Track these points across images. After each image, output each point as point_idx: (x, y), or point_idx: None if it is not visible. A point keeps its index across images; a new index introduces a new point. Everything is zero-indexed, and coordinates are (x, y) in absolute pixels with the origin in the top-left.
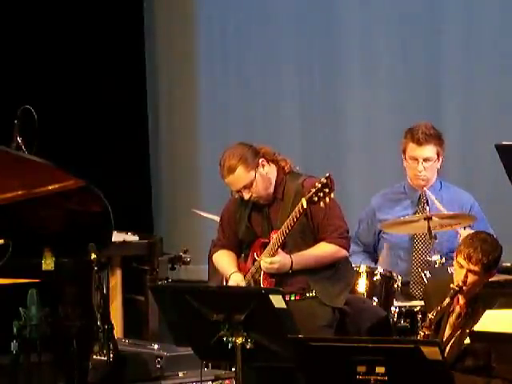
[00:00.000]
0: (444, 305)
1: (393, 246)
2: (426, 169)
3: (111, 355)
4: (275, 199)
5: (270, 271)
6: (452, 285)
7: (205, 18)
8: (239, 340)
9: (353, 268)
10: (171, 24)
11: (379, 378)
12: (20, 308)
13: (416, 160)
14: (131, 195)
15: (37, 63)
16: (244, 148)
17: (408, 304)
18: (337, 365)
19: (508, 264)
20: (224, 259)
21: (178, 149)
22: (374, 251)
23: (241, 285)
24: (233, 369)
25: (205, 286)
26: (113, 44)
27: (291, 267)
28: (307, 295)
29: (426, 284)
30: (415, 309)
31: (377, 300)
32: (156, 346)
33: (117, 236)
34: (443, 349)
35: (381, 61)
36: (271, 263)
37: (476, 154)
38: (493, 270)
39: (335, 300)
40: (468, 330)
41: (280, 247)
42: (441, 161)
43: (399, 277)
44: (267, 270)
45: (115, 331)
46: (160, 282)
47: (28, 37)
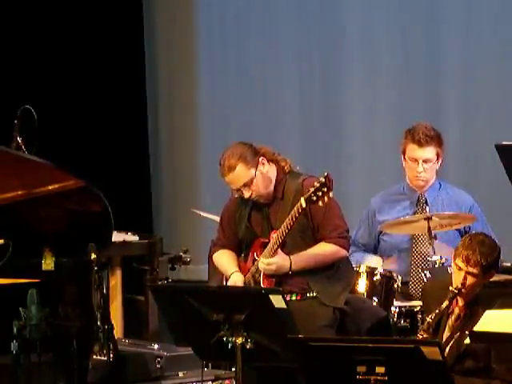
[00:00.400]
0: (443, 307)
1: (392, 247)
2: (426, 170)
3: (111, 355)
4: (275, 199)
5: (268, 272)
6: (451, 287)
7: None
8: (239, 340)
9: (353, 268)
10: (171, 23)
11: (379, 378)
12: (20, 308)
13: (416, 161)
14: (131, 195)
15: (37, 63)
16: (244, 147)
17: (408, 304)
18: (337, 365)
19: (508, 264)
20: (224, 259)
21: (178, 148)
22: (375, 251)
23: (238, 282)
24: (233, 369)
25: (205, 286)
26: (112, 42)
27: (290, 268)
28: (308, 295)
29: (425, 284)
30: (415, 309)
31: (377, 300)
32: (156, 346)
33: (117, 236)
34: (443, 349)
35: (381, 61)
36: (268, 264)
37: (476, 154)
38: (492, 272)
39: (335, 300)
40: (467, 331)
41: (279, 247)
42: (440, 162)
43: (399, 277)
44: (265, 271)
45: (115, 331)
46: (160, 282)
47: (28, 37)
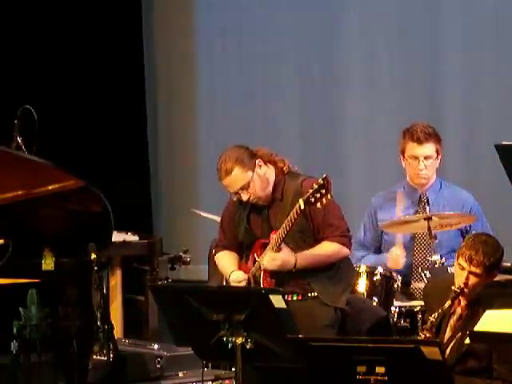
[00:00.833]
0: (445, 307)
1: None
2: (427, 167)
3: (111, 355)
4: (274, 200)
5: (273, 267)
6: (453, 287)
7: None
8: (239, 340)
9: (353, 268)
10: (170, 24)
11: (379, 378)
12: (20, 308)
13: (416, 159)
14: (131, 195)
15: (37, 63)
16: (240, 150)
17: (408, 304)
18: (337, 365)
19: (508, 264)
20: (225, 260)
21: (178, 148)
22: (379, 251)
23: (240, 280)
24: (233, 369)
25: (205, 286)
26: (111, 42)
27: (295, 265)
28: (309, 295)
29: (426, 284)
30: (415, 309)
31: (377, 300)
32: (156, 346)
33: (117, 236)
34: (443, 350)
35: (381, 61)
36: (273, 259)
37: (476, 155)
38: (494, 272)
39: (337, 300)
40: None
41: (282, 243)
42: (440, 159)
43: (399, 277)
44: (270, 267)
45: (115, 331)
46: (160, 282)
47: (28, 37)
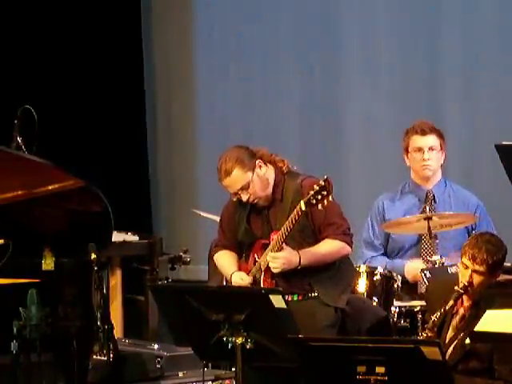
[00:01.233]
0: (448, 307)
1: (401, 246)
2: (432, 158)
3: (111, 355)
4: (274, 200)
5: (277, 267)
6: (456, 287)
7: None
8: (239, 340)
9: (354, 268)
10: (169, 25)
11: (379, 378)
12: (20, 308)
13: (421, 150)
14: (131, 195)
15: (37, 64)
16: (240, 150)
17: (408, 304)
18: (337, 365)
19: (508, 264)
20: (225, 260)
21: (178, 148)
22: (385, 251)
23: (245, 280)
24: (233, 369)
25: (205, 286)
26: (110, 42)
27: (299, 263)
28: (309, 295)
29: (428, 284)
30: (415, 309)
31: (377, 300)
32: (156, 346)
33: (117, 236)
34: (445, 350)
35: (381, 62)
36: (275, 258)
37: (476, 155)
38: (498, 271)
39: (337, 300)
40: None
41: (281, 247)
42: (444, 156)
43: (399, 277)
44: (274, 266)
45: (115, 331)
46: (160, 282)
47: (28, 37)
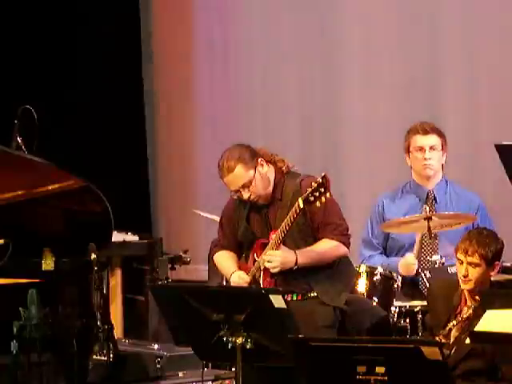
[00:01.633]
0: (464, 315)
1: (401, 246)
2: (433, 158)
3: (111, 355)
4: (274, 199)
5: (274, 266)
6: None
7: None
8: (239, 340)
9: (353, 267)
10: (169, 23)
11: (379, 378)
12: (20, 308)
13: (422, 149)
14: (131, 195)
15: (37, 64)
16: (242, 148)
17: (408, 304)
18: (337, 365)
19: (508, 264)
20: (225, 260)
21: (177, 148)
22: (385, 252)
23: (244, 279)
24: (233, 369)
25: (205, 286)
26: (110, 42)
27: (296, 262)
28: (309, 295)
29: (431, 285)
30: (415, 309)
31: (377, 300)
32: (156, 346)
33: (117, 236)
34: (450, 350)
35: (381, 63)
36: (272, 257)
37: (476, 155)
38: (495, 263)
39: (336, 299)
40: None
41: (281, 244)
42: (445, 156)
43: (399, 277)
44: (270, 266)
45: (115, 331)
46: (160, 282)
47: (28, 38)
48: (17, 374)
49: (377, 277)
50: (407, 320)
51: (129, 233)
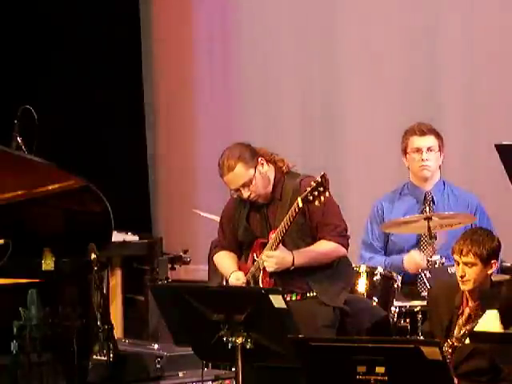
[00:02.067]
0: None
1: (400, 247)
2: (430, 159)
3: (111, 355)
4: (273, 199)
5: (270, 266)
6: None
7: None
8: (239, 340)
9: (352, 267)
10: (168, 21)
11: (379, 378)
12: (20, 308)
13: (419, 150)
14: (131, 195)
15: (37, 64)
16: (242, 147)
17: (408, 304)
18: (337, 365)
19: (508, 264)
20: (224, 260)
21: (178, 148)
22: (385, 253)
23: (241, 279)
24: (233, 369)
25: (205, 286)
26: (110, 42)
27: (293, 263)
28: (308, 295)
29: (431, 288)
30: (415, 309)
31: (377, 300)
32: (156, 346)
33: (117, 236)
34: (453, 350)
35: (381, 64)
36: (269, 256)
37: (476, 155)
38: (491, 262)
39: (335, 299)
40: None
41: (279, 244)
42: (442, 157)
43: (399, 277)
44: (267, 265)
45: (115, 331)
46: (160, 282)
47: (28, 38)
48: (17, 374)
49: (377, 277)
50: (407, 320)
51: (129, 233)
